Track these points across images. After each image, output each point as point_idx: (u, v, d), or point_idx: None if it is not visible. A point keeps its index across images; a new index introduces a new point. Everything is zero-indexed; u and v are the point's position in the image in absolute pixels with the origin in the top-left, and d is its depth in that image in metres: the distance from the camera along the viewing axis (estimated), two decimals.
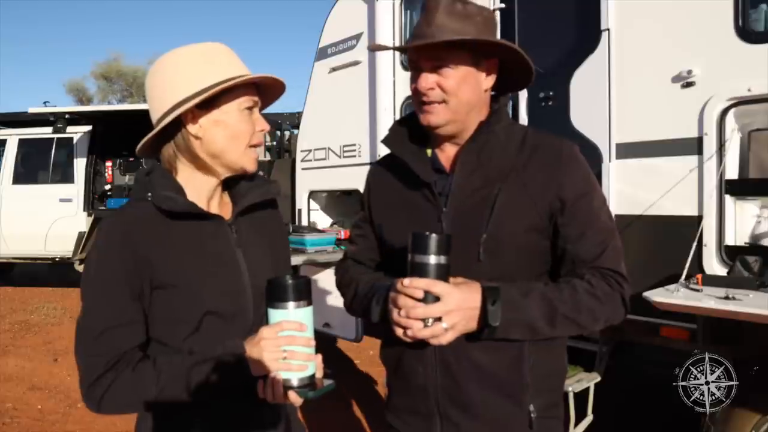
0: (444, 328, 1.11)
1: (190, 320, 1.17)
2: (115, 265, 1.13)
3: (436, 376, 1.28)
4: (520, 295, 1.16)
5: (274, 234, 1.37)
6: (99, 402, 1.12)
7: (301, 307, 1.09)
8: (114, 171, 7.76)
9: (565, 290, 1.19)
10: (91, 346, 1.12)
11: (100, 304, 1.14)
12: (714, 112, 2.40)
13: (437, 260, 1.10)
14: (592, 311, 1.19)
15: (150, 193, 1.17)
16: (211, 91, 1.14)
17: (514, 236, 1.23)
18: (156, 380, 1.11)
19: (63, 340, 6.06)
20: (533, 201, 1.24)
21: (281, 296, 1.08)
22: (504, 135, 1.30)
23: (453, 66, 1.23)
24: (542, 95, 3.02)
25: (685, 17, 2.51)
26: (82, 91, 27.21)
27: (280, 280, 1.09)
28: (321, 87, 4.52)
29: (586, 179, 1.28)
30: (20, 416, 4.10)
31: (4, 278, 9.33)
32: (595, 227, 1.24)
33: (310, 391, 1.09)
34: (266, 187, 1.33)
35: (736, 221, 2.44)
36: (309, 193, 4.67)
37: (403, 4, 3.83)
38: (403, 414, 1.38)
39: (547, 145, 1.28)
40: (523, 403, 1.26)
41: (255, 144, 1.22)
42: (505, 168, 1.26)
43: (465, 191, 1.27)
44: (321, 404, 4.16)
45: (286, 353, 1.08)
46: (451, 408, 1.28)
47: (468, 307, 1.13)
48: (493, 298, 1.13)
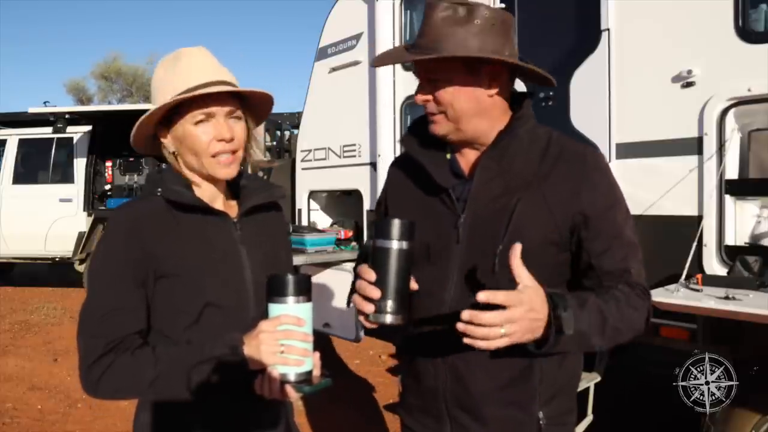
0: (501, 333, 1.01)
1: (191, 311, 1.20)
2: (121, 254, 1.17)
3: (447, 379, 1.27)
4: (578, 306, 1.10)
5: (276, 236, 1.40)
6: (96, 383, 1.14)
7: (300, 303, 1.10)
8: (114, 171, 7.77)
9: (611, 301, 1.15)
10: (92, 327, 1.16)
11: (104, 289, 1.17)
12: (714, 112, 2.40)
13: (399, 245, 1.10)
14: (631, 321, 1.17)
15: (160, 189, 1.22)
16: (155, 111, 1.17)
17: (531, 248, 1.15)
18: (153, 366, 1.13)
19: (63, 340, 6.05)
20: (553, 213, 1.20)
21: (281, 291, 1.09)
22: (527, 139, 1.25)
23: (446, 78, 1.20)
24: (542, 95, 3.02)
25: (685, 17, 2.51)
26: (82, 90, 27.21)
27: (281, 275, 1.10)
28: (321, 87, 4.52)
29: (610, 191, 1.24)
30: (20, 416, 4.10)
31: (4, 278, 9.33)
32: (620, 241, 1.21)
33: (306, 386, 1.10)
34: (271, 190, 1.37)
35: (736, 221, 2.44)
36: (309, 193, 4.67)
37: (403, 4, 3.83)
38: (416, 413, 1.38)
39: (570, 153, 1.24)
40: (532, 411, 1.24)
41: (215, 153, 1.21)
42: (526, 176, 1.22)
43: (484, 199, 1.23)
44: (321, 404, 4.18)
45: (283, 347, 1.09)
46: (460, 412, 1.27)
47: (530, 318, 1.03)
48: (564, 304, 1.06)
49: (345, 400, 4.26)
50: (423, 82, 1.23)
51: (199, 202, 1.23)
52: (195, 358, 1.14)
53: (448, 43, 1.17)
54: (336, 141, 4.34)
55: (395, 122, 3.87)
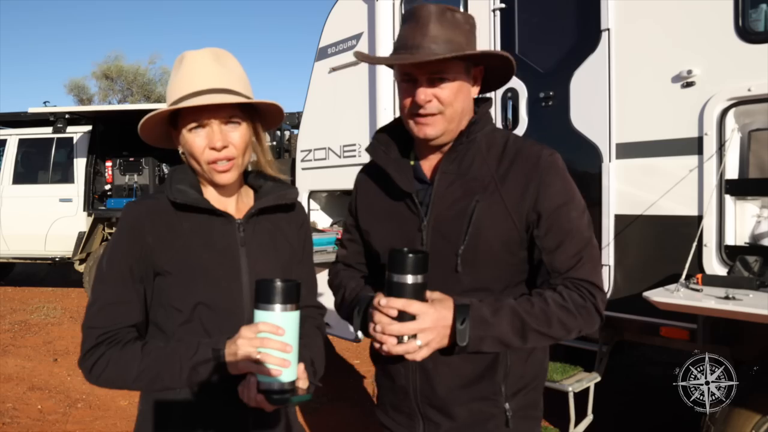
0: (418, 345, 1.12)
1: (183, 309, 1.22)
2: (124, 249, 1.21)
3: (416, 379, 1.32)
4: (491, 313, 1.17)
5: (285, 237, 1.36)
6: (90, 371, 1.19)
7: (287, 311, 1.07)
8: (114, 171, 7.75)
9: (537, 304, 1.19)
10: (90, 318, 1.21)
11: (104, 284, 1.22)
12: (714, 112, 2.40)
13: (414, 279, 1.12)
14: (563, 323, 1.20)
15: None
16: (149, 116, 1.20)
17: (491, 248, 1.25)
18: (138, 363, 1.16)
19: (63, 340, 6.06)
20: (510, 213, 1.24)
21: (267, 297, 1.07)
22: (485, 143, 1.30)
23: (450, 77, 1.23)
24: (542, 95, 3.02)
25: (685, 17, 2.51)
26: (83, 90, 27.18)
27: (269, 281, 1.07)
28: (321, 87, 4.52)
29: (564, 189, 1.26)
30: (20, 416, 4.10)
31: (4, 278, 9.33)
32: (572, 238, 1.24)
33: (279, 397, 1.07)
34: (283, 191, 1.34)
35: (736, 221, 2.44)
36: (309, 193, 4.67)
37: (403, 4, 3.83)
38: (390, 411, 1.42)
39: (526, 153, 1.28)
40: (498, 403, 1.29)
41: (209, 161, 1.21)
42: (484, 178, 1.27)
43: (445, 202, 1.28)
44: (321, 404, 4.18)
45: (260, 355, 1.07)
46: (430, 409, 1.32)
47: (442, 325, 1.14)
48: (462, 317, 1.14)
49: (345, 400, 4.26)
50: (423, 82, 1.24)
51: (201, 202, 1.23)
52: (179, 358, 1.15)
53: (452, 44, 1.20)
54: (336, 141, 4.34)
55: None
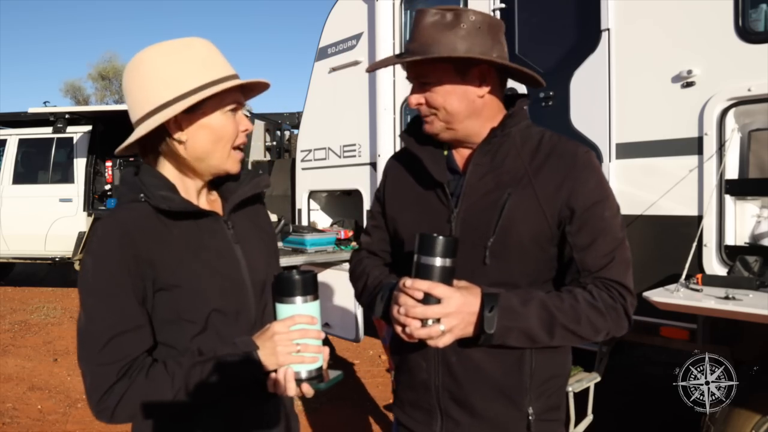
0: (441, 330, 1.11)
1: (197, 320, 1.14)
2: (116, 269, 1.07)
3: (438, 374, 1.30)
4: (520, 303, 1.15)
5: (263, 227, 1.37)
6: (113, 412, 1.08)
7: (309, 302, 1.13)
8: (114, 171, 7.75)
9: (567, 300, 1.18)
10: (99, 355, 1.07)
11: (104, 310, 1.08)
12: (714, 112, 2.40)
13: (443, 263, 1.11)
14: (592, 323, 1.18)
15: (143, 194, 1.13)
16: (198, 98, 1.10)
17: (520, 242, 1.23)
18: (171, 384, 1.08)
19: (63, 340, 6.06)
20: (542, 208, 1.23)
21: (290, 291, 1.12)
22: (520, 138, 1.29)
23: (436, 81, 1.24)
24: (542, 95, 3.02)
25: (685, 17, 2.51)
26: (79, 91, 27.18)
27: (289, 275, 1.12)
28: (321, 87, 4.52)
29: (600, 187, 1.25)
30: (20, 416, 4.10)
31: (4, 278, 9.33)
32: (605, 237, 1.22)
33: (321, 383, 1.13)
34: (256, 180, 1.30)
35: (736, 221, 2.44)
36: (309, 193, 4.68)
37: (403, 4, 3.83)
38: (408, 408, 1.40)
39: (561, 149, 1.27)
40: (522, 405, 1.26)
41: (239, 145, 1.20)
42: (518, 172, 1.26)
43: (476, 193, 1.27)
44: (321, 404, 4.17)
45: (299, 346, 1.11)
46: (452, 405, 1.30)
47: (467, 311, 1.12)
48: (491, 304, 1.12)
49: (345, 400, 4.26)
50: (415, 85, 1.28)
51: (190, 206, 1.16)
52: (209, 368, 1.10)
53: (437, 46, 1.20)
54: (336, 141, 4.35)
55: (395, 122, 3.87)
